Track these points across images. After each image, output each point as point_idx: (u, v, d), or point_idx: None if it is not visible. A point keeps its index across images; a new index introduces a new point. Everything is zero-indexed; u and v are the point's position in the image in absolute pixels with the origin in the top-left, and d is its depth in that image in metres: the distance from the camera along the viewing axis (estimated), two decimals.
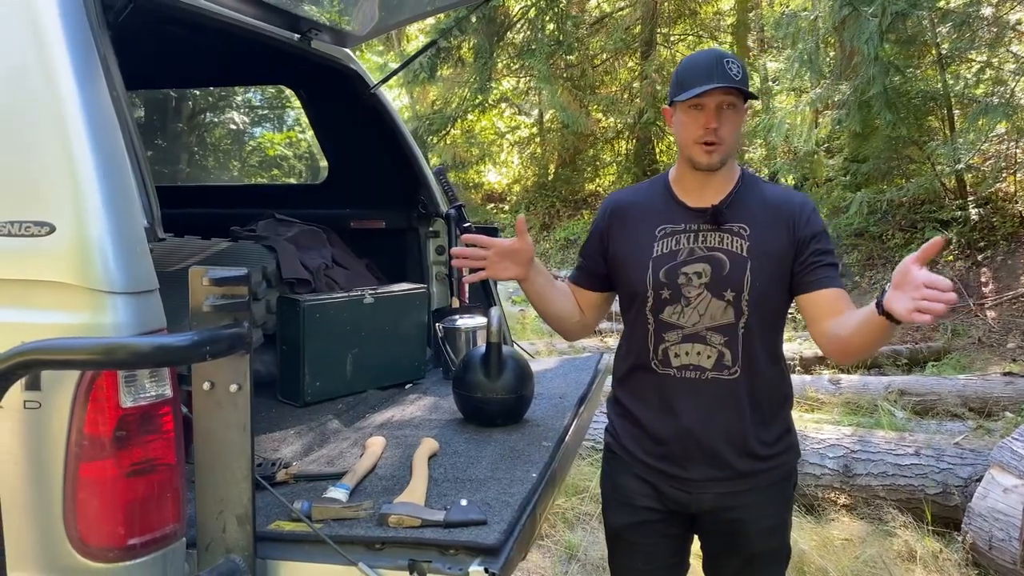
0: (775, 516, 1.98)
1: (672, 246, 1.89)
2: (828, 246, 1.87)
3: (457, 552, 1.52)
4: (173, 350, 1.36)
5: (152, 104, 4.07)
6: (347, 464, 1.96)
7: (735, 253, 1.85)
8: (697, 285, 1.86)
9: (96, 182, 1.44)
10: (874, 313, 1.62)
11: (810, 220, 1.88)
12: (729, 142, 1.84)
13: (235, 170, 4.26)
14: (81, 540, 1.41)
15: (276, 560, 1.54)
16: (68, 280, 1.41)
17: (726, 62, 1.81)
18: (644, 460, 1.96)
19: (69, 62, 1.50)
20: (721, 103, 1.81)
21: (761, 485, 1.93)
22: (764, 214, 1.88)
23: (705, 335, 1.86)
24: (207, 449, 1.46)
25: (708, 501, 1.93)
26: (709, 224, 1.88)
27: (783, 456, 1.97)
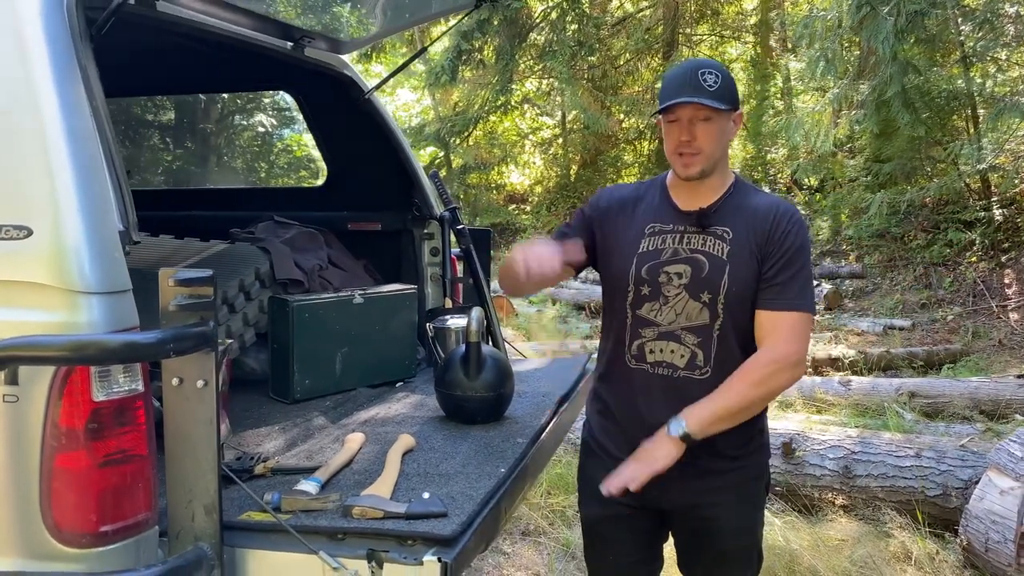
0: (745, 515, 2.01)
1: (658, 244, 1.94)
2: (792, 263, 1.87)
3: (415, 543, 1.58)
4: (139, 347, 1.44)
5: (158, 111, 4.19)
6: (326, 459, 2.03)
7: (715, 256, 1.89)
8: (677, 285, 1.90)
9: (73, 188, 1.52)
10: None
11: (785, 233, 1.88)
12: (708, 152, 1.86)
13: (240, 173, 4.36)
14: (56, 527, 1.49)
15: (244, 548, 1.61)
16: (45, 281, 1.49)
17: (701, 74, 1.83)
18: (616, 455, 1.98)
19: (50, 74, 1.58)
20: (694, 116, 1.83)
21: (731, 484, 1.96)
22: (748, 220, 1.91)
23: (680, 334, 1.90)
24: (176, 442, 1.54)
25: (678, 498, 1.96)
26: (695, 227, 1.92)
27: (753, 456, 2.00)
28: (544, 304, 10.91)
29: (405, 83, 20.21)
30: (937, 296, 10.34)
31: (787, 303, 1.85)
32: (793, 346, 1.83)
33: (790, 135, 10.33)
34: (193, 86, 3.83)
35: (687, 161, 1.86)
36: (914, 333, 9.27)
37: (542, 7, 14.61)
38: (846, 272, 11.27)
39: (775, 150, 14.15)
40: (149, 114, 4.20)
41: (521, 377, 2.86)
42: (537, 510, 4.02)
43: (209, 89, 3.97)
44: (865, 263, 11.50)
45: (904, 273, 11.07)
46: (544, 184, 18.12)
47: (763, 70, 14.73)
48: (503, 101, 14.97)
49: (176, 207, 3.60)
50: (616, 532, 2.07)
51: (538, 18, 14.63)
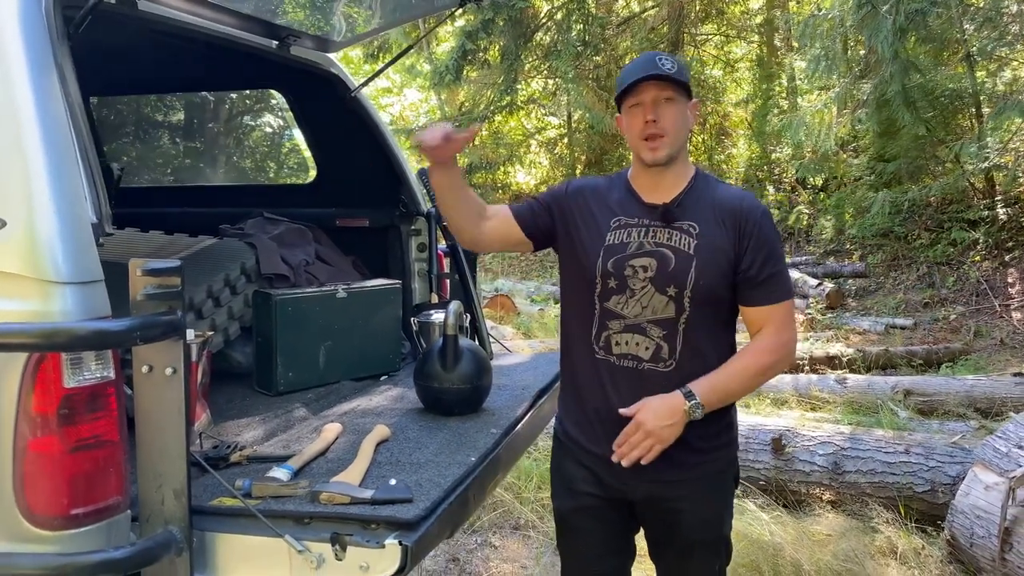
0: (712, 507, 2.03)
1: (623, 238, 1.96)
2: (772, 257, 1.92)
3: (378, 527, 1.62)
4: (107, 334, 1.49)
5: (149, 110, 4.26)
6: (300, 449, 2.07)
7: (682, 250, 1.90)
8: (642, 278, 1.91)
9: (47, 182, 1.57)
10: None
11: (759, 227, 1.92)
12: (673, 134, 1.89)
13: (231, 171, 4.42)
14: (29, 510, 1.54)
15: (213, 532, 1.66)
16: (19, 271, 1.54)
17: (659, 60, 1.87)
18: (585, 447, 2.03)
19: (26, 72, 1.63)
20: (657, 96, 1.86)
21: (698, 476, 1.98)
22: (714, 214, 1.93)
23: (645, 327, 1.92)
24: (146, 428, 1.58)
25: (644, 490, 1.99)
26: (660, 221, 1.94)
27: (722, 450, 2.02)
28: (547, 303, 10.95)
29: (412, 83, 20.30)
30: (940, 295, 10.32)
31: (776, 296, 1.92)
32: (790, 332, 1.95)
33: (793, 134, 10.33)
34: (180, 85, 3.89)
35: (654, 145, 1.88)
36: (916, 332, 9.26)
37: (547, 7, 14.65)
38: (849, 271, 11.26)
39: (780, 149, 14.13)
40: (139, 113, 4.26)
41: (503, 371, 2.90)
42: (527, 504, 4.06)
43: (197, 87, 4.03)
44: (868, 262, 11.49)
45: (907, 272, 11.05)
46: (549, 183, 18.16)
47: (768, 69, 14.73)
48: (508, 101, 15.00)
49: (167, 204, 3.67)
50: (586, 523, 2.09)
51: (543, 18, 14.67)
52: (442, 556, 3.68)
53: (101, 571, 1.52)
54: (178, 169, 4.44)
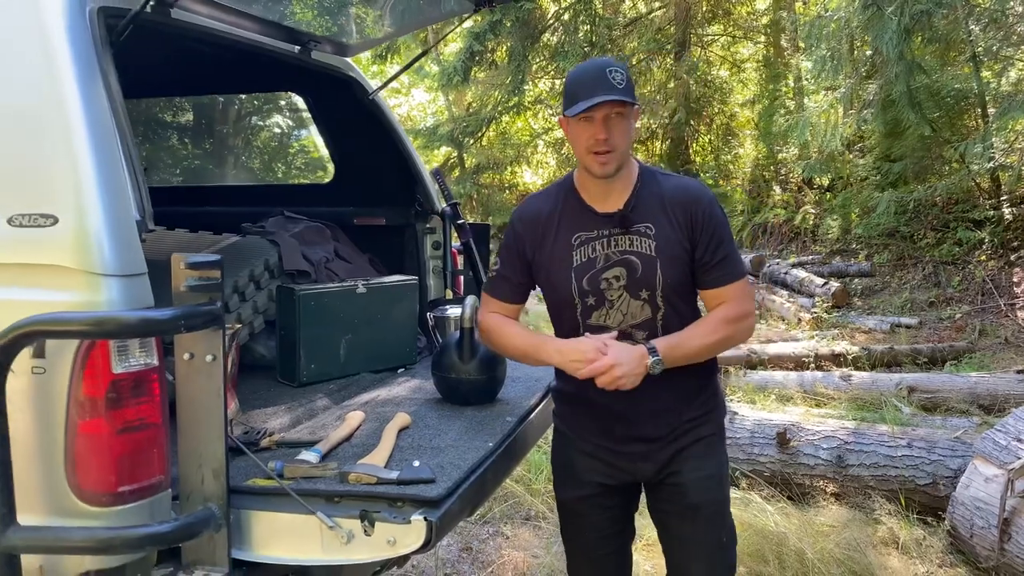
0: (709, 468, 2.12)
1: (589, 254, 2.03)
2: (722, 240, 2.02)
3: (404, 504, 1.72)
4: (154, 322, 1.60)
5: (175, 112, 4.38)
6: (327, 434, 2.18)
7: (644, 254, 2.00)
8: (617, 287, 2.01)
9: (94, 181, 1.68)
10: None
11: (708, 216, 2.01)
12: (621, 148, 1.95)
13: (252, 171, 4.54)
14: (79, 487, 1.65)
15: (249, 510, 1.77)
16: (69, 264, 1.65)
17: (610, 72, 1.91)
18: (590, 439, 2.14)
19: (74, 77, 1.74)
20: (608, 113, 1.91)
21: (692, 440, 2.10)
22: (665, 211, 2.02)
23: (631, 332, 2.03)
24: (187, 411, 1.69)
25: (649, 470, 2.12)
26: (618, 228, 2.02)
27: (710, 414, 2.14)
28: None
29: (420, 84, 20.41)
30: (946, 294, 10.38)
31: (731, 276, 2.03)
32: (748, 306, 2.06)
33: (799, 135, 10.40)
34: (208, 88, 4.01)
35: (603, 160, 1.93)
36: (921, 331, 9.33)
37: (555, 8, 14.75)
38: (855, 271, 11.33)
39: (786, 150, 14.19)
40: (167, 115, 4.38)
41: (515, 364, 3.00)
42: (538, 496, 4.16)
43: (223, 91, 4.14)
44: (874, 261, 11.54)
45: (913, 272, 11.11)
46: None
47: (774, 70, 14.79)
48: (515, 102, 15.11)
49: (191, 203, 3.78)
50: (589, 509, 2.20)
51: (551, 19, 14.77)
52: (455, 545, 3.79)
53: (148, 543, 1.63)
54: (200, 169, 4.56)
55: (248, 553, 1.75)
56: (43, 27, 1.77)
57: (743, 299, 2.05)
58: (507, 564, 3.55)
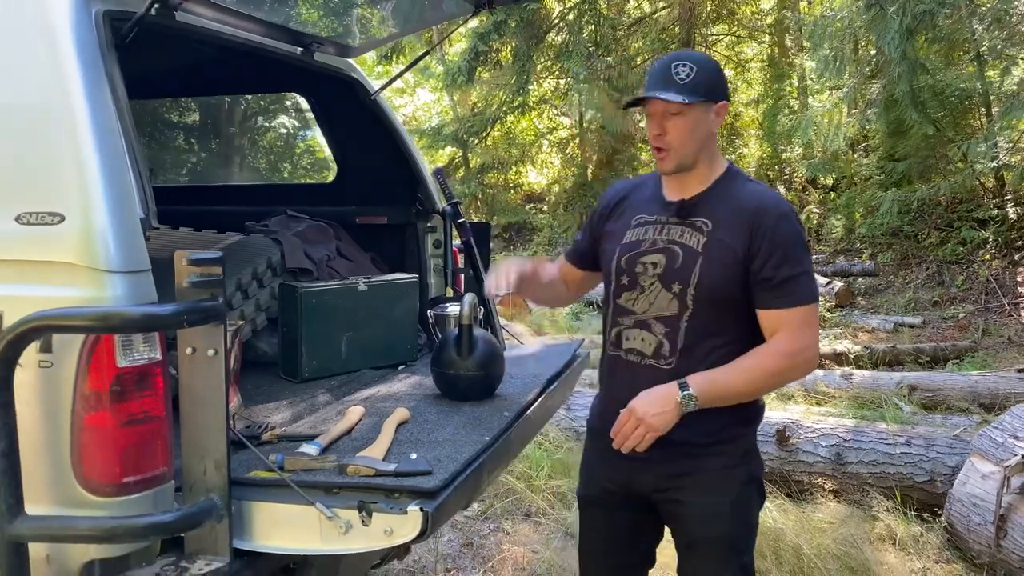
0: (717, 503, 1.95)
1: (639, 236, 2.00)
2: (788, 259, 1.86)
3: (401, 495, 1.76)
4: (157, 317, 1.64)
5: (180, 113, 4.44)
6: (327, 428, 2.22)
7: (689, 247, 1.91)
8: (651, 275, 1.94)
9: (100, 180, 1.72)
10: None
11: (773, 229, 1.86)
12: (678, 147, 1.89)
13: (256, 171, 4.60)
14: (85, 478, 1.69)
15: (250, 501, 1.81)
16: (75, 261, 1.69)
17: (675, 67, 1.86)
18: (603, 438, 2.04)
19: (80, 79, 1.78)
20: (664, 111, 1.87)
21: (704, 469, 1.95)
22: (731, 213, 1.91)
23: (651, 323, 1.95)
24: (189, 404, 1.73)
25: (649, 482, 2.01)
26: (675, 217, 1.96)
27: (726, 445, 1.96)
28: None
29: (425, 84, 20.46)
30: (949, 294, 10.39)
31: (792, 300, 1.85)
32: (807, 339, 1.86)
33: (802, 134, 10.43)
34: (213, 89, 4.06)
35: (660, 156, 1.92)
36: (924, 331, 9.34)
37: (559, 8, 14.78)
38: (858, 270, 11.35)
39: (790, 149, 14.21)
40: (173, 116, 4.44)
41: (515, 361, 3.04)
42: (538, 492, 4.20)
43: (227, 92, 4.20)
44: (878, 261, 11.56)
45: (917, 271, 11.12)
46: (561, 184, 18.28)
47: (779, 70, 14.81)
48: (520, 101, 15.16)
49: (195, 202, 3.84)
50: (603, 511, 2.15)
51: (555, 19, 14.80)
52: (456, 541, 3.84)
53: (151, 532, 1.67)
54: (204, 169, 4.62)
55: (249, 543, 1.79)
56: (50, 30, 1.81)
57: (804, 329, 1.85)
58: (507, 559, 3.59)
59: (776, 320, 1.87)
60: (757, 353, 1.88)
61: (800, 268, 1.87)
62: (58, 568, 1.72)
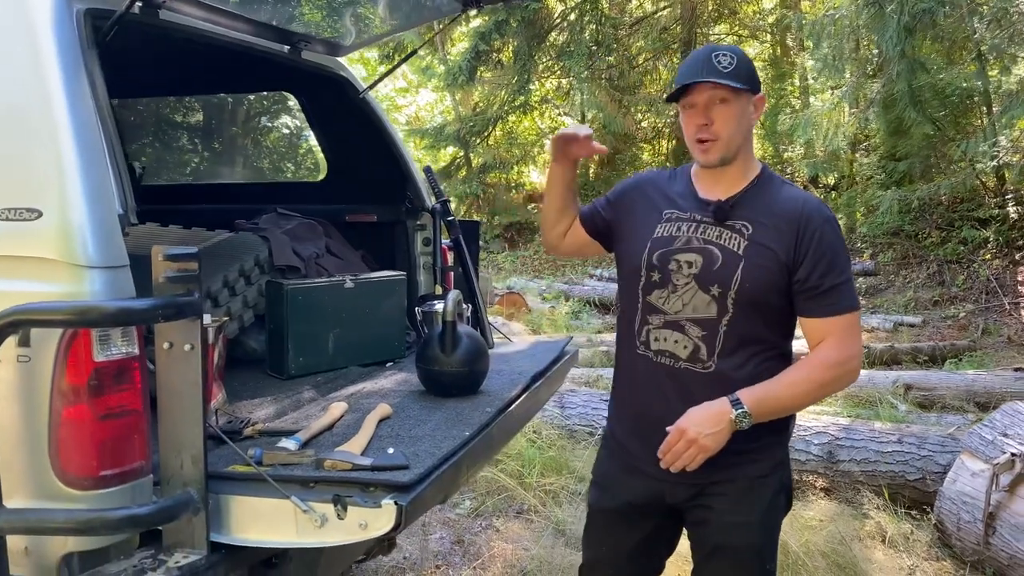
0: (746, 512, 1.91)
1: (672, 232, 1.93)
2: (834, 267, 1.82)
3: (376, 489, 1.78)
4: (133, 311, 1.66)
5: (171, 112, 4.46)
6: (309, 424, 2.23)
7: (730, 250, 1.85)
8: (686, 274, 1.87)
9: (78, 176, 1.74)
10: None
11: (819, 236, 1.82)
12: (726, 137, 1.83)
13: (247, 169, 4.62)
14: (63, 471, 1.71)
15: (227, 495, 1.82)
16: (53, 256, 1.71)
17: (715, 56, 1.81)
18: (626, 446, 2.03)
19: (60, 77, 1.80)
20: (710, 99, 1.81)
21: (737, 478, 1.91)
22: (772, 217, 1.85)
23: (684, 325, 1.88)
24: (167, 399, 1.74)
25: (683, 492, 1.95)
26: (711, 217, 1.89)
27: (762, 452, 1.92)
28: (557, 300, 11.11)
29: (427, 84, 20.49)
30: (950, 293, 10.39)
31: (838, 308, 1.81)
32: (854, 347, 1.83)
33: (800, 132, 10.43)
34: (199, 88, 4.08)
35: (706, 147, 1.85)
36: (924, 330, 9.34)
37: (561, 8, 14.80)
38: (859, 269, 11.34)
39: (792, 149, 14.21)
40: (164, 115, 4.46)
41: (502, 358, 3.06)
42: (530, 490, 4.21)
43: (215, 90, 4.22)
44: (879, 260, 11.55)
45: (918, 271, 11.12)
46: None
47: (780, 69, 14.81)
48: (522, 101, 15.19)
49: (186, 201, 3.86)
50: (620, 524, 2.10)
51: (557, 19, 14.82)
52: (448, 538, 3.85)
53: (126, 525, 1.69)
54: (196, 168, 4.64)
55: (226, 536, 1.80)
56: (31, 28, 1.83)
57: (849, 338, 1.81)
58: (497, 556, 3.61)
59: (823, 328, 1.83)
60: (805, 365, 1.84)
61: (845, 276, 1.84)
62: (37, 560, 1.74)
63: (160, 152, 4.45)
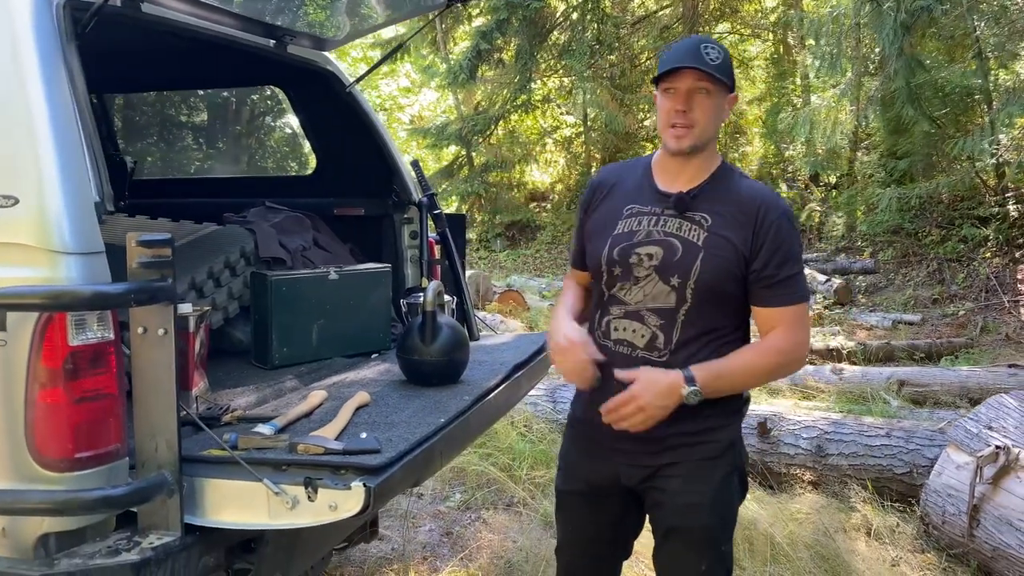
0: (697, 493, 1.95)
1: (633, 227, 1.96)
2: (788, 259, 1.88)
3: (346, 472, 1.81)
4: (106, 296, 1.70)
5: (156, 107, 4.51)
6: (288, 411, 2.27)
7: (690, 241, 1.89)
8: (647, 266, 1.91)
9: (54, 165, 1.77)
10: None
11: (776, 228, 1.87)
12: (702, 126, 1.87)
13: (237, 163, 4.66)
14: (39, 453, 1.74)
15: (201, 478, 1.85)
16: (29, 243, 1.74)
17: (703, 47, 1.85)
18: (585, 429, 2.08)
19: (38, 68, 1.84)
20: (693, 87, 1.84)
21: (688, 459, 1.95)
22: (730, 209, 1.90)
23: (643, 315, 1.93)
24: (141, 383, 1.78)
25: (635, 474, 2.00)
26: (672, 210, 1.93)
27: (715, 433, 1.96)
28: (556, 298, 11.11)
29: (430, 83, 20.52)
30: (949, 292, 10.37)
31: (791, 298, 1.89)
32: (802, 335, 1.91)
33: (799, 130, 10.43)
34: (184, 82, 4.12)
35: (680, 133, 1.87)
36: (923, 328, 9.33)
37: (563, 7, 14.83)
38: (858, 268, 11.33)
39: (793, 147, 14.20)
40: (150, 110, 4.51)
41: (486, 349, 3.09)
42: (520, 483, 4.24)
43: (200, 85, 4.26)
44: (879, 259, 11.54)
45: (917, 269, 11.11)
46: (565, 182, 18.31)
47: (781, 67, 14.81)
48: (523, 100, 15.21)
49: (177, 195, 3.90)
50: (584, 506, 2.13)
51: (559, 18, 14.85)
52: (437, 530, 3.88)
53: (101, 506, 1.72)
54: (186, 162, 4.68)
55: (200, 518, 1.83)
56: (10, 20, 1.86)
57: (798, 327, 1.89)
58: (484, 547, 3.64)
59: (775, 317, 1.90)
60: (755, 349, 1.92)
61: (798, 268, 1.92)
62: (14, 541, 1.77)
63: (152, 147, 4.50)
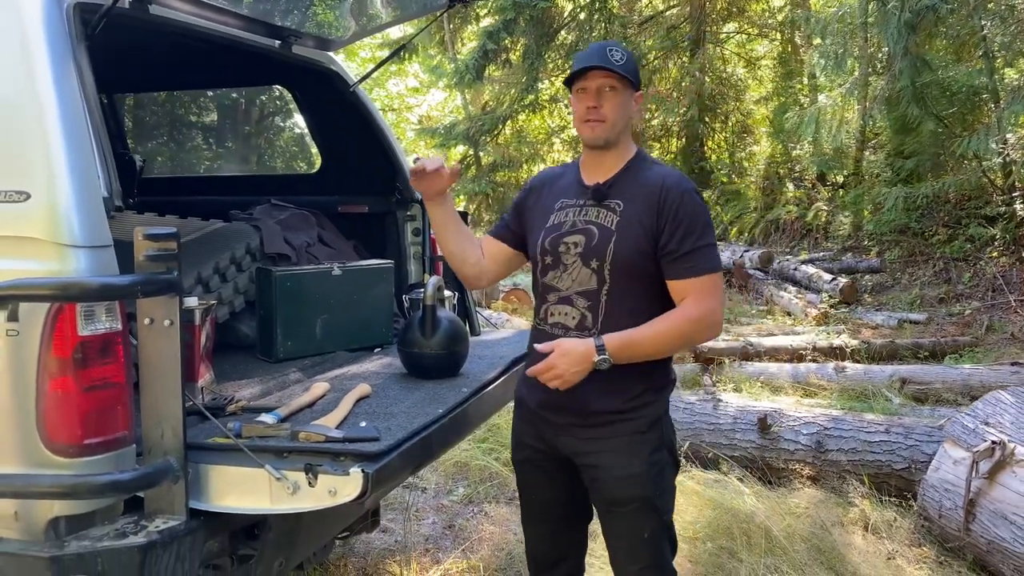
0: (631, 465, 2.10)
1: (562, 218, 2.17)
2: (691, 232, 2.04)
3: (345, 459, 1.87)
4: (113, 287, 1.76)
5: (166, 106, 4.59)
6: (291, 401, 2.33)
7: (604, 227, 2.10)
8: (573, 254, 2.11)
9: (65, 161, 1.84)
10: None
11: (677, 204, 2.04)
12: (612, 120, 2.08)
13: (243, 162, 4.73)
14: (49, 439, 1.81)
15: (206, 464, 1.92)
16: (40, 236, 1.81)
17: (609, 50, 2.07)
18: (528, 405, 2.25)
19: (49, 68, 1.90)
20: (601, 85, 2.06)
21: (618, 435, 2.11)
22: (639, 193, 2.10)
23: (573, 298, 2.12)
24: (148, 371, 1.84)
25: (570, 445, 2.16)
26: (592, 200, 2.14)
27: (643, 410, 2.12)
28: None
29: (438, 83, 20.61)
30: (956, 291, 10.35)
31: (696, 270, 2.04)
32: (712, 303, 2.05)
33: (804, 129, 10.44)
34: (191, 82, 4.19)
35: (592, 126, 2.08)
36: (928, 327, 9.32)
37: (570, 7, 14.86)
38: (865, 267, 11.32)
39: (800, 146, 14.19)
40: (159, 110, 4.58)
41: (486, 344, 3.15)
42: None
43: (207, 85, 4.33)
44: (885, 258, 11.52)
45: (924, 268, 11.08)
46: None
47: (789, 67, 14.80)
48: (531, 100, 15.25)
49: (185, 192, 3.97)
50: (533, 473, 2.29)
51: (567, 18, 14.89)
52: (440, 523, 3.94)
53: (109, 490, 1.79)
54: (194, 161, 4.76)
55: (205, 503, 1.90)
56: (22, 21, 1.93)
57: (708, 296, 2.04)
58: (485, 539, 3.69)
59: (683, 289, 2.06)
60: (667, 318, 2.05)
61: (703, 240, 2.06)
62: (26, 524, 1.84)
63: (161, 146, 4.57)
